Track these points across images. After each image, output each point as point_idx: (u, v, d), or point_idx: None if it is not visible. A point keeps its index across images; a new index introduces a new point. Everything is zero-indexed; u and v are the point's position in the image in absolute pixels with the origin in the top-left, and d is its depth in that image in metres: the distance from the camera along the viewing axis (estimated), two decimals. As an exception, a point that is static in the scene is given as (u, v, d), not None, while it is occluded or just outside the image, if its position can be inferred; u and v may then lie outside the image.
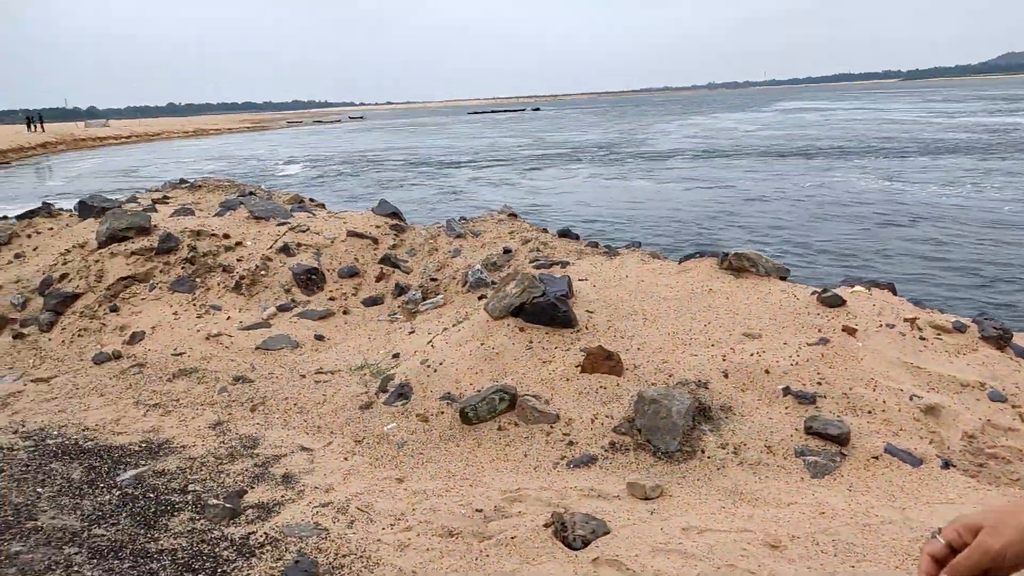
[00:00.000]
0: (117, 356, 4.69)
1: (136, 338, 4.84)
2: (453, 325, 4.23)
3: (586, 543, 2.36)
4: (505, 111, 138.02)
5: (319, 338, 4.85)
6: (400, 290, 5.38)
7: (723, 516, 2.50)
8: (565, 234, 5.75)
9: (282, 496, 2.97)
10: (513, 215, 6.37)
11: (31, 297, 5.48)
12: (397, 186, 21.04)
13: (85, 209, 6.35)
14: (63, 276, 5.49)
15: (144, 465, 3.29)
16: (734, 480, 2.73)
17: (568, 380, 3.47)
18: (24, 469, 3.32)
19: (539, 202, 16.22)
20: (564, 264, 4.87)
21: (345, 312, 5.25)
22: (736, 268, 4.30)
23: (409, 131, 63.42)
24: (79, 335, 4.97)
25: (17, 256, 5.97)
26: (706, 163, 22.96)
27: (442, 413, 3.48)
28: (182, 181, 7.75)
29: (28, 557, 2.62)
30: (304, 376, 4.26)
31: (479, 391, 3.51)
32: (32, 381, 4.54)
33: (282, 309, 5.15)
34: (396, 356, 4.27)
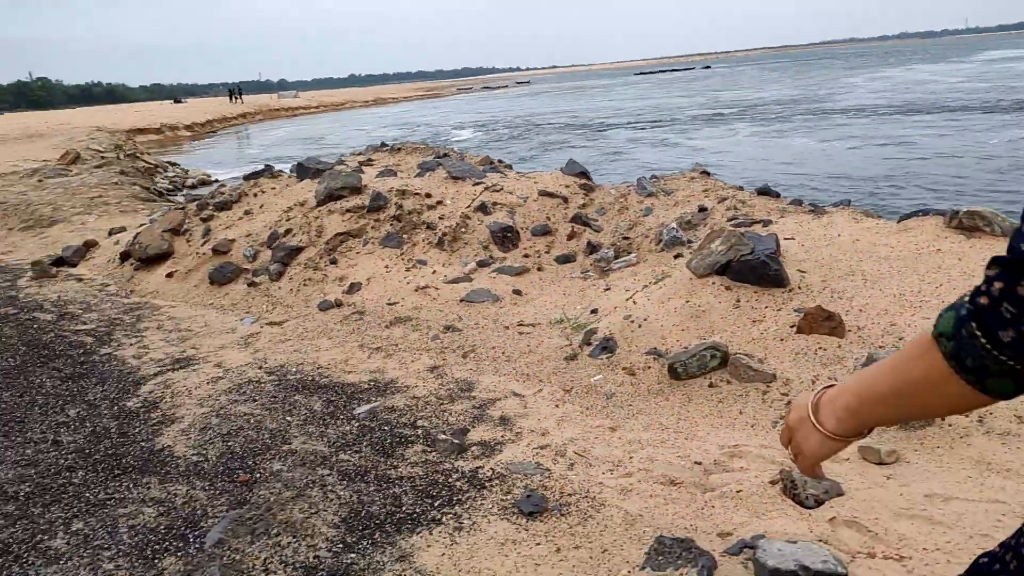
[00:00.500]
0: (339, 304, 5.12)
1: (354, 288, 5.25)
2: (654, 283, 4.23)
3: (819, 503, 2.32)
4: (673, 70, 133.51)
5: (517, 292, 5.02)
6: (592, 248, 5.44)
7: (971, 485, 2.36)
8: (764, 192, 5.53)
9: (502, 436, 3.14)
10: (705, 173, 6.21)
11: (260, 250, 6.08)
12: (559, 148, 21.09)
13: (302, 171, 6.93)
14: (287, 231, 6.05)
15: (375, 401, 3.59)
16: (980, 449, 2.55)
17: (782, 340, 3.37)
18: (272, 400, 3.74)
19: (711, 161, 15.65)
20: (766, 223, 4.70)
21: (539, 269, 5.39)
22: (967, 227, 3.95)
23: (574, 94, 63.10)
24: (304, 284, 5.47)
25: (247, 213, 6.65)
26: (906, 119, 21.04)
27: (648, 368, 3.52)
28: (383, 144, 8.26)
29: (289, 475, 2.97)
30: (508, 328, 4.44)
31: (686, 348, 3.50)
32: (267, 324, 5.07)
33: (481, 264, 5.37)
34: (595, 312, 4.34)
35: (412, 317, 4.72)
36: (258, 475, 2.98)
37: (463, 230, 5.67)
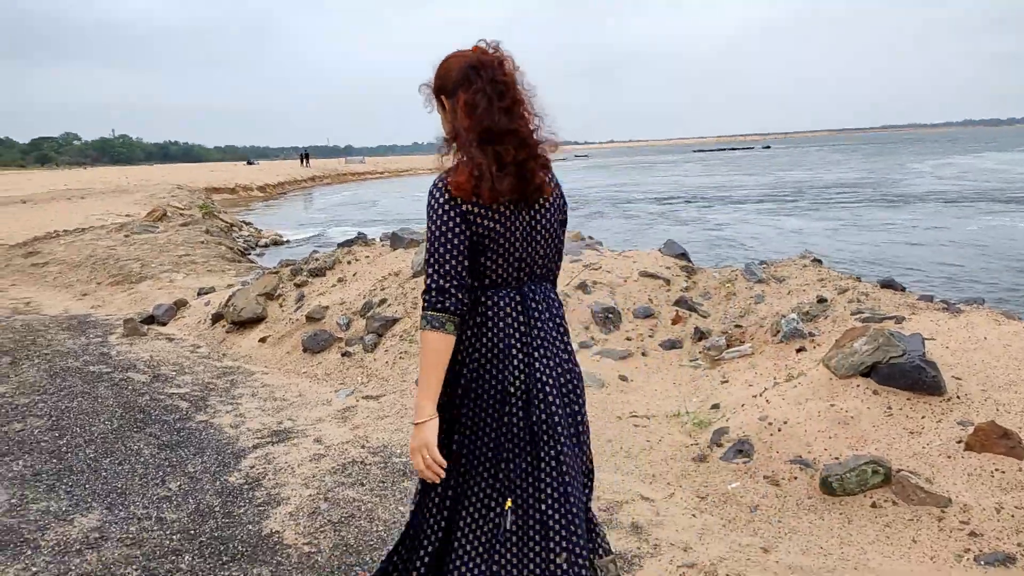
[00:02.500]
0: (435, 381, 4.94)
1: (450, 365, 5.08)
2: (785, 380, 3.95)
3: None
4: (733, 149, 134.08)
5: (623, 378, 4.78)
6: (700, 335, 5.18)
7: None
8: (888, 285, 5.23)
9: (638, 548, 2.86)
10: (817, 261, 5.94)
11: (354, 319, 6.00)
12: (637, 224, 20.98)
13: (396, 240, 6.91)
14: (382, 301, 5.97)
15: (491, 495, 3.36)
16: None
17: (950, 458, 3.04)
18: (381, 485, 3.54)
19: (793, 246, 15.30)
20: (899, 319, 4.39)
21: (644, 354, 5.15)
22: None
23: (637, 169, 63.63)
24: (400, 357, 5.33)
25: (340, 280, 6.61)
26: (991, 207, 20.40)
27: (795, 478, 3.21)
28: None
29: (409, 575, 2.74)
30: (620, 418, 4.19)
31: (838, 459, 3.19)
32: (363, 397, 4.93)
33: (583, 346, 5.16)
34: (716, 407, 4.07)
35: (516, 400, 4.51)
36: (378, 575, 2.76)
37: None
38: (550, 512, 1.80)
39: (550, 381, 1.86)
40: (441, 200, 1.81)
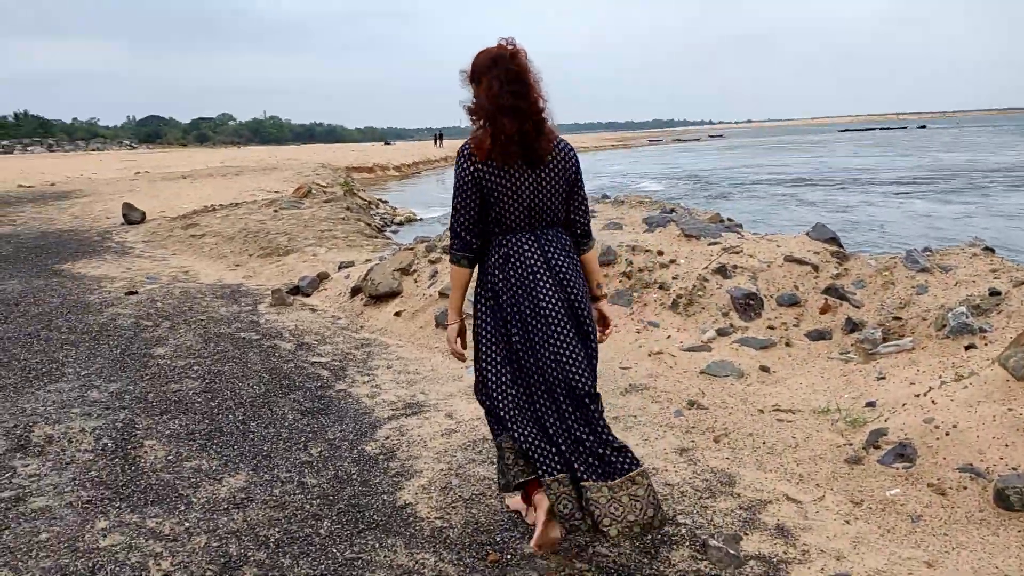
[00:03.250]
0: (565, 362, 4.87)
1: (581, 346, 4.98)
2: (954, 379, 3.57)
3: None
4: (884, 128, 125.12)
5: (764, 369, 4.51)
6: (852, 326, 4.80)
7: None
8: (1078, 279, 4.63)
9: (784, 553, 2.66)
10: (989, 249, 5.36)
11: (484, 296, 6.02)
12: (802, 206, 19.96)
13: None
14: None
15: (623, 483, 3.24)
16: None
17: None
18: (511, 464, 3.51)
19: (949, 232, 14.02)
20: (1093, 318, 3.87)
21: (787, 344, 4.84)
22: None
23: (778, 150, 60.64)
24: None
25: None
26: None
27: (964, 488, 2.89)
28: (604, 196, 8.07)
29: (543, 564, 2.68)
30: (762, 411, 3.95)
31: (1015, 469, 2.84)
32: (493, 375, 4.92)
33: (721, 333, 4.92)
34: (871, 405, 3.74)
35: (648, 386, 4.35)
36: (508, 556, 2.72)
37: (700, 293, 5.25)
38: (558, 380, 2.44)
39: (562, 305, 2.43)
40: (462, 162, 2.40)
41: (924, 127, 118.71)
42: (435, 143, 67.84)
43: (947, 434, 3.13)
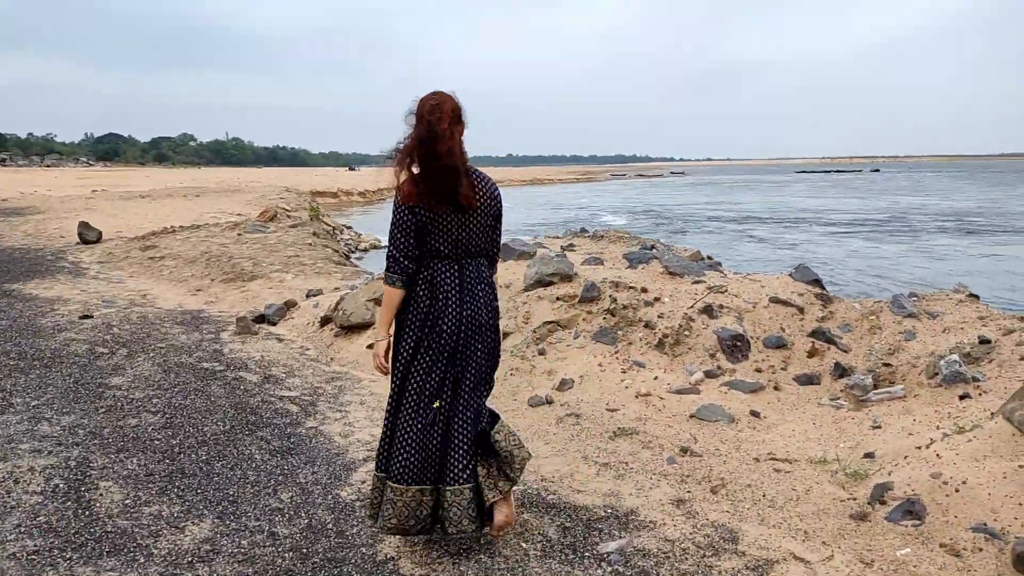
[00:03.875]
0: (549, 401, 4.68)
1: (565, 385, 4.81)
2: (957, 432, 3.47)
3: None
4: (839, 171, 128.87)
5: (754, 414, 4.38)
6: (841, 371, 4.72)
7: None
8: (1066, 328, 4.62)
9: (798, 619, 2.50)
10: (974, 296, 5.35)
11: (461, 330, 5.82)
12: (752, 242, 20.19)
13: (507, 252, 6.71)
14: (491, 314, 5.75)
15: (622, 538, 3.05)
16: None
17: None
18: (499, 514, 3.29)
19: (925, 275, 14.28)
20: (1087, 370, 3.83)
21: (776, 388, 4.73)
22: None
23: (739, 188, 61.86)
24: (511, 373, 5.10)
25: (448, 290, 6.46)
26: None
27: (980, 550, 2.76)
28: (582, 230, 7.97)
29: (538, 626, 2.47)
30: (758, 460, 3.80)
31: (1033, 531, 2.73)
32: (472, 415, 4.71)
33: (709, 375, 4.79)
34: (870, 456, 3.62)
35: (637, 430, 4.18)
36: (503, 622, 2.50)
37: (686, 333, 5.13)
38: (460, 415, 2.85)
39: (472, 326, 2.81)
40: (398, 198, 2.77)
41: (878, 170, 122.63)
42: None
43: (956, 491, 3.02)
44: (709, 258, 7.18)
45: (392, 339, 2.88)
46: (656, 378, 4.75)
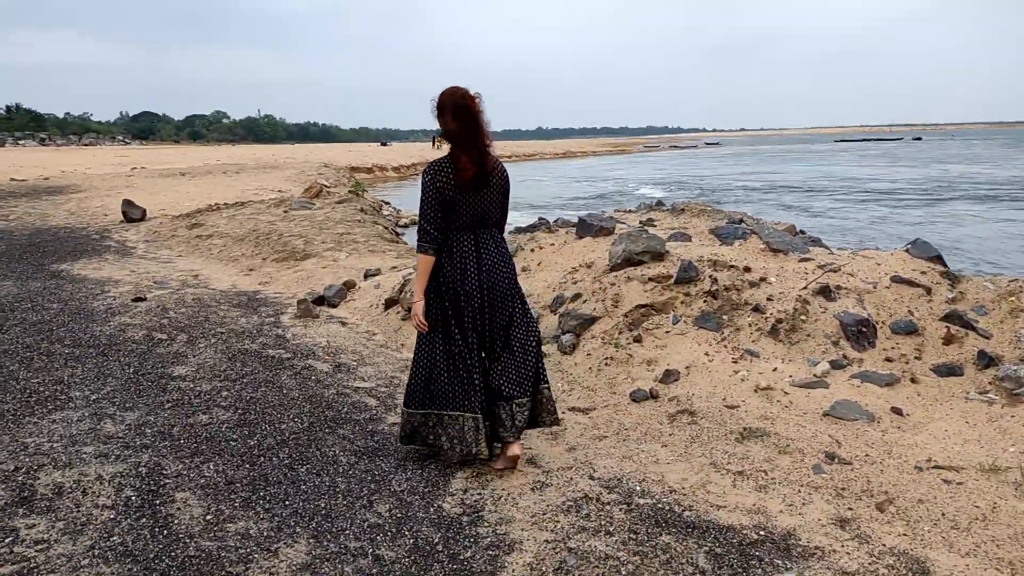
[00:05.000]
0: (654, 396, 4.21)
1: (670, 377, 4.33)
2: None
3: None
4: (879, 139, 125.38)
5: (896, 412, 3.86)
6: (988, 360, 4.17)
7: None
8: None
9: None
10: None
11: (543, 314, 5.36)
12: (822, 216, 19.40)
13: (584, 227, 6.21)
14: (575, 296, 5.29)
15: (788, 569, 2.58)
16: None
17: None
18: (632, 536, 2.84)
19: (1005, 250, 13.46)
20: None
21: (913, 380, 4.20)
22: None
23: (780, 158, 60.27)
24: (605, 364, 4.63)
25: (524, 270, 5.99)
26: None
27: None
28: (659, 203, 7.42)
29: None
30: (919, 469, 3.29)
31: None
32: (569, 409, 4.26)
33: (835, 366, 4.27)
34: (1057, 465, 3.10)
35: (767, 431, 3.69)
36: None
37: (802, 318, 4.60)
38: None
39: (491, 286, 3.28)
40: (428, 178, 3.18)
41: (919, 138, 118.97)
42: (433, 145, 66.87)
43: None
44: (802, 232, 6.60)
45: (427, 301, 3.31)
46: (775, 369, 4.24)
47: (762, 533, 2.84)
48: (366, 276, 7.64)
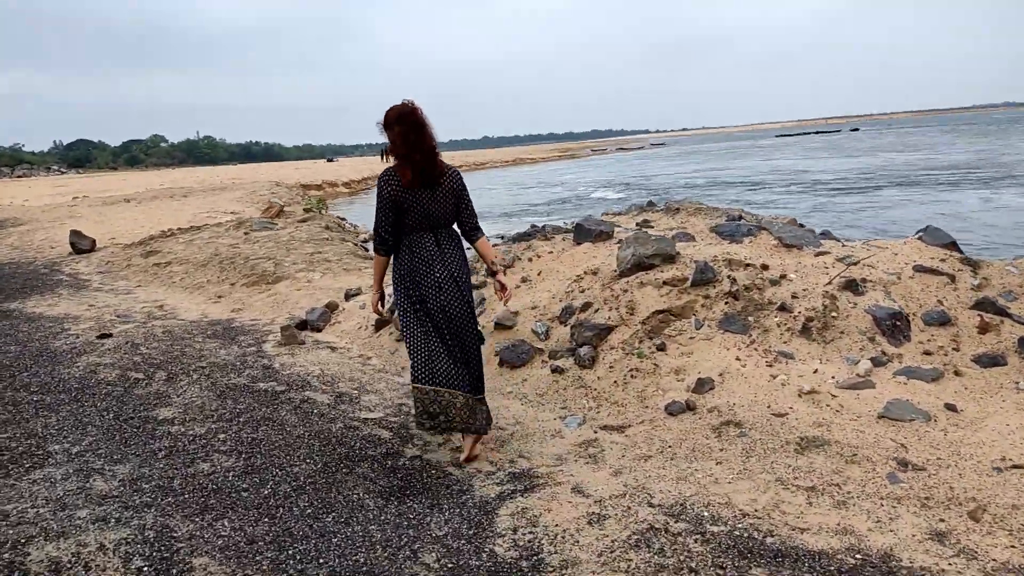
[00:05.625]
0: (692, 407, 3.95)
1: (704, 386, 4.08)
2: None
3: None
4: (818, 132, 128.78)
5: (950, 408, 3.67)
6: (1030, 348, 4.02)
7: None
8: None
9: None
10: None
11: (552, 326, 5.07)
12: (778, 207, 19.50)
13: (582, 233, 5.93)
14: (586, 305, 5.01)
15: (906, 597, 2.33)
16: None
17: None
18: (719, 572, 2.56)
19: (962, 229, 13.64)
20: None
21: (956, 373, 4.02)
22: None
23: (727, 155, 61.23)
24: (631, 375, 4.35)
25: (524, 280, 5.69)
26: None
27: None
28: (650, 203, 7.18)
29: None
30: (999, 470, 3.09)
31: None
32: (601, 428, 3.98)
33: (876, 363, 4.07)
34: None
35: (825, 439, 3.46)
36: None
37: (833, 314, 4.40)
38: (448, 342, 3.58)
39: (450, 279, 3.54)
40: (383, 185, 3.49)
41: (857, 129, 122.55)
42: (382, 158, 66.12)
43: None
44: (802, 226, 6.45)
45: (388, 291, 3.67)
46: (816, 371, 4.02)
47: (858, 557, 2.59)
48: (347, 297, 7.24)
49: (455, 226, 3.67)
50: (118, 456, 3.77)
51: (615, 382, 4.37)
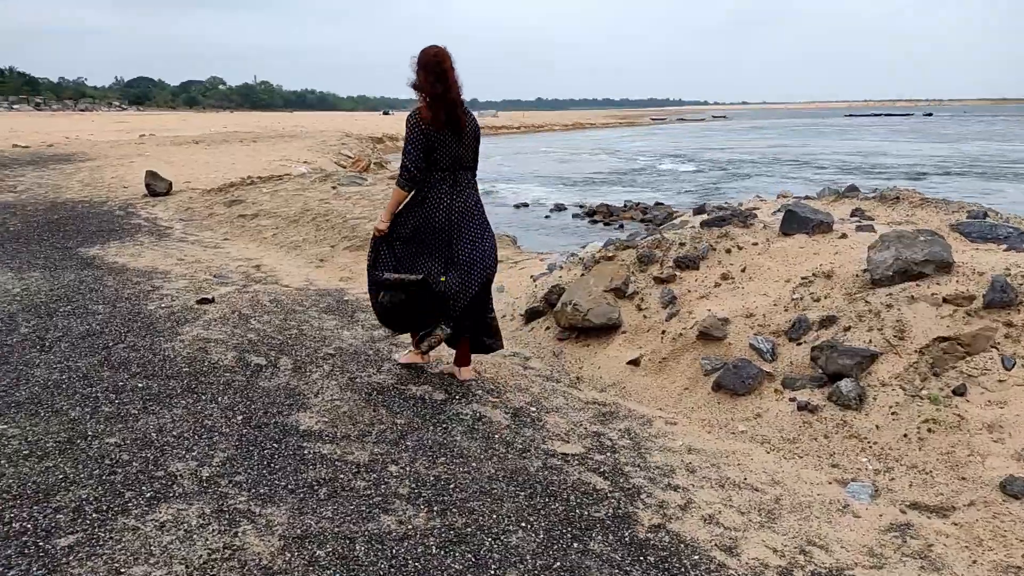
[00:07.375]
0: (1040, 488, 2.85)
1: (1047, 457, 2.96)
2: None
3: None
4: (888, 114, 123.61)
5: None
6: None
7: None
8: None
9: None
10: None
11: (778, 342, 3.99)
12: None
13: (795, 222, 4.78)
14: (828, 320, 3.91)
15: None
16: None
17: None
18: None
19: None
20: None
21: None
22: None
23: (798, 132, 58.58)
24: (927, 429, 3.26)
25: (724, 277, 4.59)
26: None
27: None
28: (851, 188, 5.99)
29: None
30: None
31: None
32: (910, 507, 2.91)
33: None
34: None
35: None
36: None
37: None
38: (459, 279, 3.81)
39: (464, 219, 3.80)
40: (412, 123, 3.69)
41: (930, 114, 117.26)
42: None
43: None
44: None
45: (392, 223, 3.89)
46: None
47: None
48: (477, 273, 6.22)
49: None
50: (265, 490, 2.83)
51: (905, 435, 3.28)
